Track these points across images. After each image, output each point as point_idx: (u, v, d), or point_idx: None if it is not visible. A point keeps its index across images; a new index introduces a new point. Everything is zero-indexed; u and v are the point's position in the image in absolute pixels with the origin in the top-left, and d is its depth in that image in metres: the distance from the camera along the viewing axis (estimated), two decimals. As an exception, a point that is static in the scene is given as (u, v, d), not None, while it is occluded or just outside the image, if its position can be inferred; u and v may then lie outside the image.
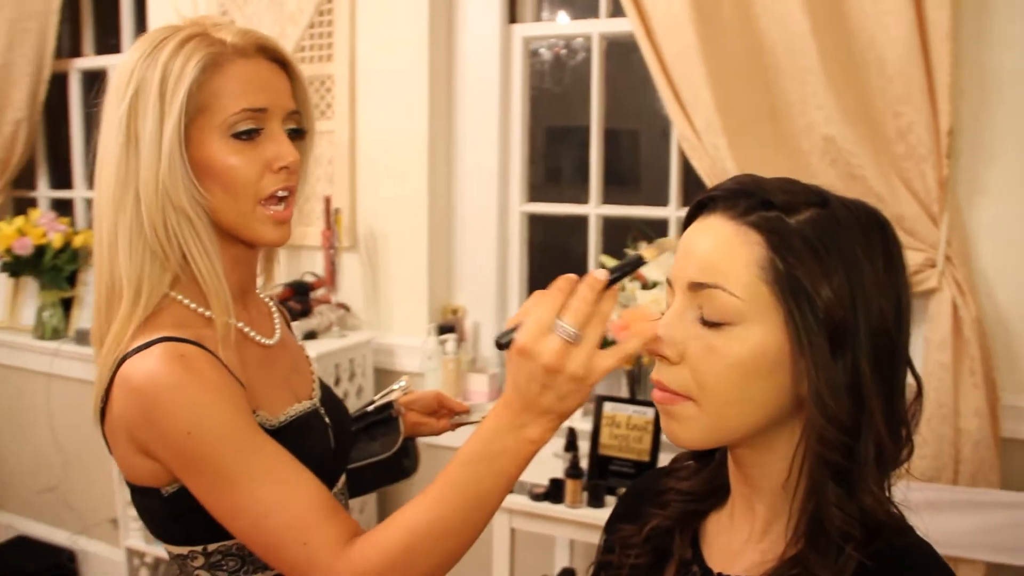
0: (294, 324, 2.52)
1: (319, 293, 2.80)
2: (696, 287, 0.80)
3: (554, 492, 2.17)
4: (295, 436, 1.10)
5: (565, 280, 0.87)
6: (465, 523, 0.94)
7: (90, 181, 1.12)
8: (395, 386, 1.34)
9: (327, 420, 1.21)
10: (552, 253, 2.96)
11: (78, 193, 3.72)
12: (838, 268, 0.77)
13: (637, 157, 3.00)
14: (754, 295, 0.77)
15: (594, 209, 2.71)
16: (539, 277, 2.87)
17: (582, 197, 2.73)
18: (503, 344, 0.87)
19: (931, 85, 1.98)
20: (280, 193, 1.09)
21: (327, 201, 2.77)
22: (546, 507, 2.17)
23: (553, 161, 3.08)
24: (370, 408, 1.31)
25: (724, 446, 0.90)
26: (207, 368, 1.00)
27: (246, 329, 1.15)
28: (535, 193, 2.86)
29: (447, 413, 1.42)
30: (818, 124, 2.07)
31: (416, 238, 2.76)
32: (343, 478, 1.25)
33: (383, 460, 1.33)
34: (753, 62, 2.16)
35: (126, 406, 1.00)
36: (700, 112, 2.18)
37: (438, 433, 1.40)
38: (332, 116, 2.84)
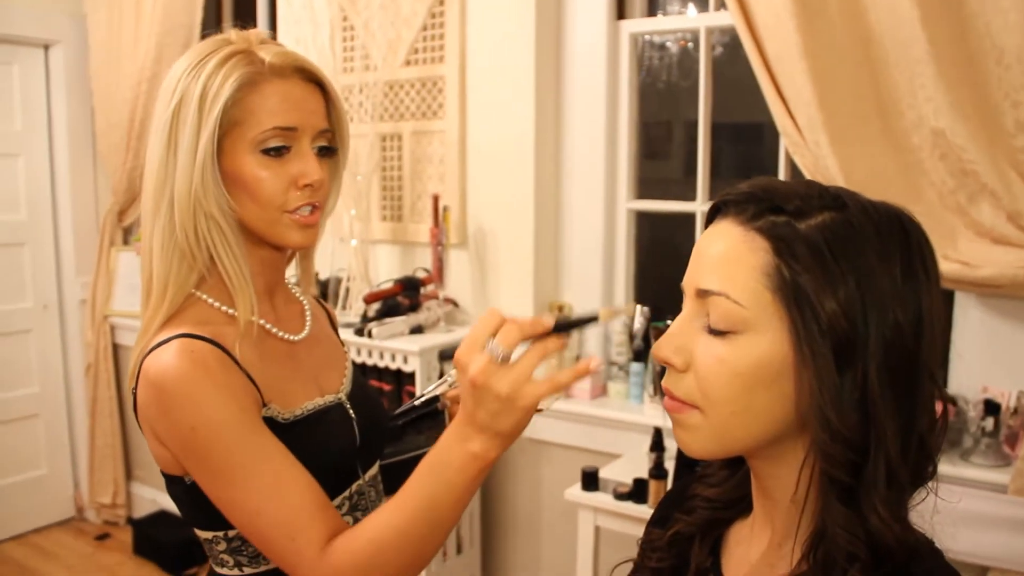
0: (401, 319, 2.69)
1: (428, 289, 2.86)
2: (703, 294, 0.79)
3: (638, 492, 2.16)
4: (312, 428, 1.15)
5: (493, 312, 0.92)
6: (422, 531, 0.98)
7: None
8: (444, 379, 1.35)
9: (352, 414, 1.24)
10: (658, 250, 2.92)
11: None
12: (848, 276, 0.73)
13: (750, 153, 2.92)
14: (759, 303, 0.75)
15: (700, 206, 2.66)
16: (645, 274, 2.85)
17: (689, 194, 2.69)
18: (445, 355, 0.92)
19: (1054, 72, 1.84)
20: (304, 210, 1.14)
21: (435, 199, 2.83)
22: (629, 507, 2.15)
23: (663, 156, 3.03)
24: (417, 402, 1.32)
25: (734, 456, 0.87)
26: (217, 366, 1.05)
27: (268, 326, 1.19)
28: (644, 189, 2.83)
29: None
30: (928, 117, 1.97)
31: (523, 235, 2.78)
32: (375, 469, 1.29)
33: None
34: (859, 54, 2.07)
35: (146, 398, 1.06)
36: (801, 108, 2.11)
37: None
38: (443, 116, 2.90)
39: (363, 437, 1.24)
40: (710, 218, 0.84)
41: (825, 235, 0.74)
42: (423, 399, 1.31)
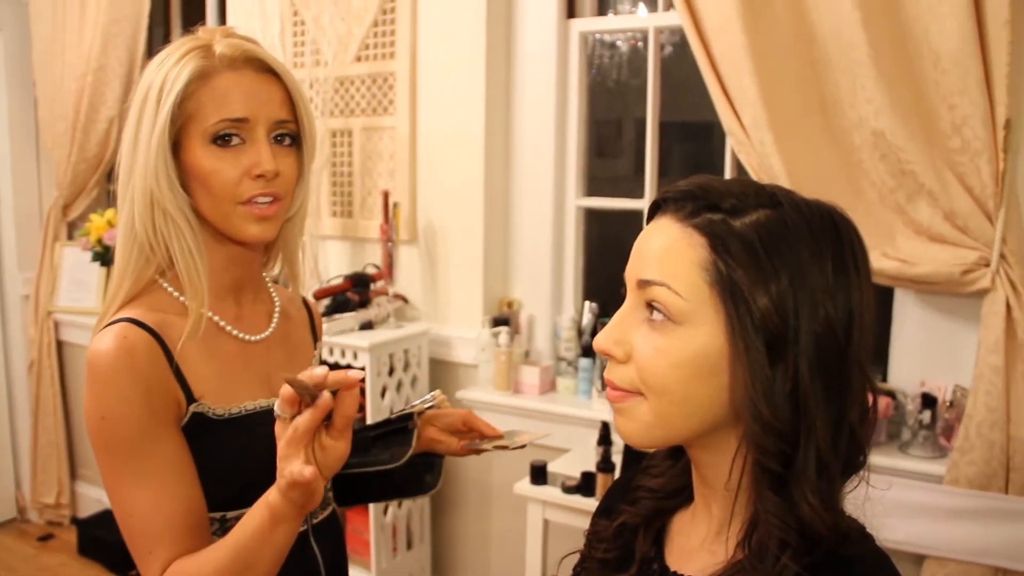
0: (351, 315, 2.65)
1: (378, 285, 2.84)
2: (644, 284, 0.80)
3: (585, 485, 2.17)
4: (242, 429, 1.15)
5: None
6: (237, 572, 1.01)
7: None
8: (427, 396, 1.33)
9: None
10: (607, 246, 2.94)
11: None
12: (780, 272, 0.75)
13: (698, 151, 2.95)
14: (698, 296, 0.77)
15: (647, 204, 2.63)
16: (594, 270, 2.86)
17: (638, 191, 2.71)
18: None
19: (988, 76, 1.88)
20: (261, 199, 1.13)
21: (385, 195, 2.82)
22: (577, 500, 2.17)
23: (613, 154, 3.05)
24: (393, 416, 1.30)
25: (673, 445, 0.89)
26: (144, 358, 1.07)
27: (222, 323, 1.19)
28: (594, 186, 2.84)
29: (477, 435, 1.35)
30: (868, 118, 2.00)
31: (473, 231, 2.78)
32: None
33: (392, 471, 1.28)
34: (804, 55, 2.10)
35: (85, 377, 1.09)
36: (747, 107, 2.13)
37: (454, 454, 1.35)
38: (394, 112, 2.89)
39: None
40: (651, 214, 0.85)
41: (759, 232, 0.76)
42: (399, 414, 1.29)
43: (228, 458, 1.13)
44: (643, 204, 2.68)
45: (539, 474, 2.34)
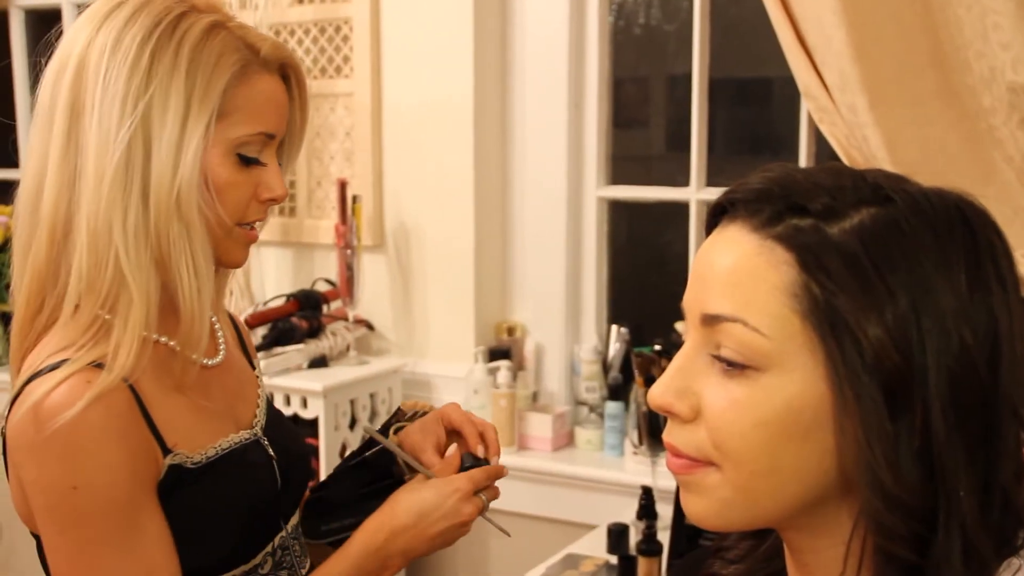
0: (298, 347, 2.74)
1: (333, 307, 2.83)
2: (711, 320, 0.79)
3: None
4: (227, 472, 1.24)
5: None
6: None
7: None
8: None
9: (271, 452, 1.34)
10: (639, 251, 2.94)
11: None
12: (897, 293, 0.74)
13: (758, 119, 2.95)
14: (785, 332, 0.76)
15: (695, 194, 2.62)
16: (623, 283, 2.85)
17: (678, 176, 2.67)
18: None
19: None
20: (257, 224, 1.28)
21: (342, 186, 2.76)
22: (612, 600, 2.16)
23: (639, 124, 3.06)
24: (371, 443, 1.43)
25: (761, 527, 0.89)
26: (127, 418, 1.13)
27: (177, 347, 1.25)
28: (617, 168, 2.81)
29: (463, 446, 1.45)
30: (1003, 69, 1.98)
31: (460, 234, 2.75)
32: (296, 517, 1.40)
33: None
34: None
35: (23, 431, 1.11)
36: (831, 61, 2.09)
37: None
38: (350, 74, 2.86)
39: (284, 480, 1.33)
40: (713, 221, 0.85)
41: (864, 241, 0.75)
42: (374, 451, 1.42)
43: (215, 511, 1.22)
44: (688, 194, 2.66)
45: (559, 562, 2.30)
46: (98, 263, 1.17)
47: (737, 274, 0.79)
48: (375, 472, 1.44)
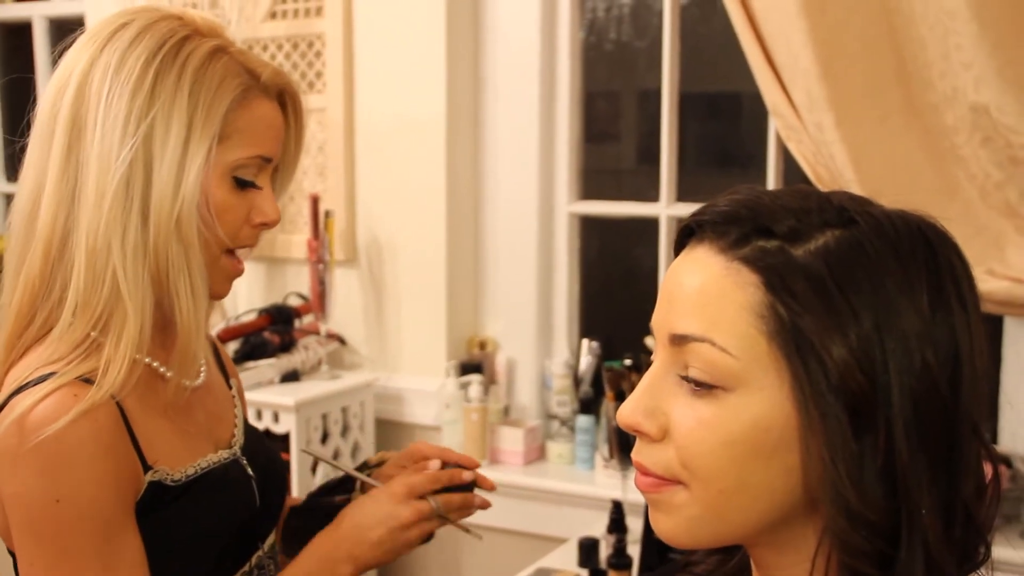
0: (270, 362, 2.72)
1: (305, 321, 2.82)
2: (679, 340, 0.80)
3: (593, 591, 2.14)
4: (208, 491, 1.24)
5: None
6: None
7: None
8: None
9: (250, 471, 1.34)
10: (610, 265, 2.96)
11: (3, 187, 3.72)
12: (861, 313, 0.75)
13: (726, 134, 2.96)
14: (752, 352, 0.77)
15: (665, 209, 2.63)
16: (594, 297, 2.85)
17: (648, 190, 2.68)
18: None
19: None
20: (243, 253, 1.28)
21: (314, 201, 2.76)
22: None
23: (610, 138, 3.06)
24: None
25: (729, 544, 0.89)
26: (115, 435, 1.13)
27: (163, 369, 1.25)
28: (588, 182, 2.82)
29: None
30: (965, 89, 2.01)
31: (432, 248, 2.76)
32: (272, 537, 1.39)
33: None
34: (875, 6, 2.10)
35: (6, 440, 1.10)
36: (799, 80, 2.13)
37: None
38: (323, 89, 2.85)
39: (263, 499, 1.34)
40: (681, 242, 0.86)
41: (829, 262, 0.76)
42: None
43: (194, 531, 1.22)
44: (658, 209, 2.67)
45: (529, 577, 2.29)
46: (95, 280, 1.17)
47: (705, 295, 0.79)
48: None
